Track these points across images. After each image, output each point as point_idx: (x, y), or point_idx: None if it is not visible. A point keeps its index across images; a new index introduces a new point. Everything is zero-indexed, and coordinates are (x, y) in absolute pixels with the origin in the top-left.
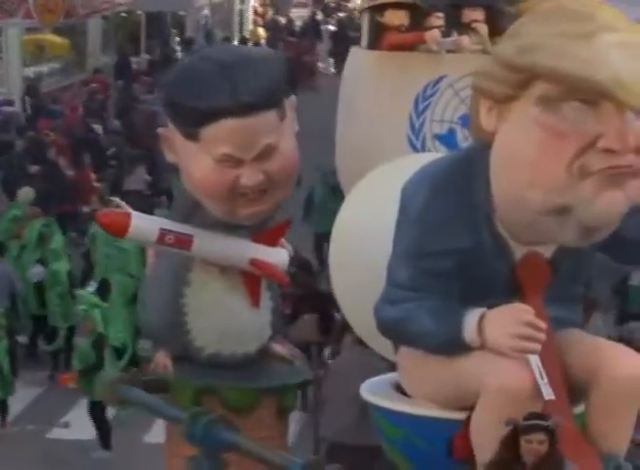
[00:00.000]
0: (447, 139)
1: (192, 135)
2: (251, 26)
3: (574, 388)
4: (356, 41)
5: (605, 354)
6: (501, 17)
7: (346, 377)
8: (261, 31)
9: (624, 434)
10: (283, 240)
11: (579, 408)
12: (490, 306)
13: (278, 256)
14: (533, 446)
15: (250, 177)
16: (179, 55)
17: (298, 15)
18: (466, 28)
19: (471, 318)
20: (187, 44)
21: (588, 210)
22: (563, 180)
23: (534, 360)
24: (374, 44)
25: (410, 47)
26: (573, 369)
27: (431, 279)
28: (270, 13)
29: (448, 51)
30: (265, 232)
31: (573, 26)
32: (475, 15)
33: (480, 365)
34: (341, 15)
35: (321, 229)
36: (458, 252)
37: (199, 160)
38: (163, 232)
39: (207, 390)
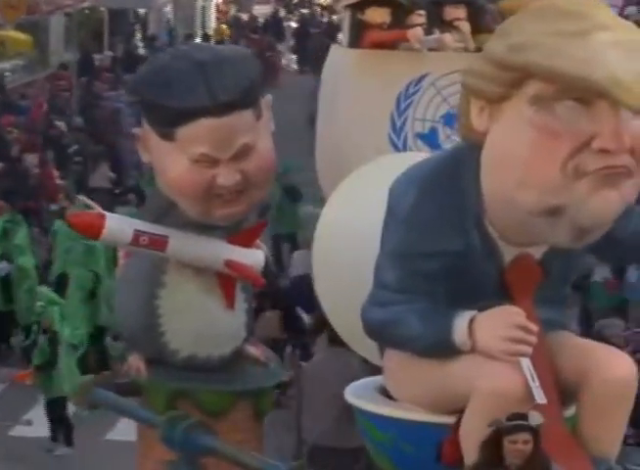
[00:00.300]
0: (429, 138)
1: (167, 135)
2: (214, 24)
3: (565, 391)
4: (318, 38)
5: (596, 357)
6: (483, 14)
7: (324, 379)
8: (225, 29)
9: (616, 436)
10: (258, 241)
11: (569, 411)
12: (480, 309)
13: (253, 257)
14: (518, 446)
15: (226, 177)
16: (142, 52)
17: (261, 12)
18: (447, 26)
19: (461, 321)
20: (150, 41)
21: (582, 210)
22: (557, 180)
23: (526, 363)
24: (355, 42)
25: (392, 45)
26: (564, 372)
27: (419, 281)
28: (233, 10)
29: (430, 49)
30: (241, 233)
31: (567, 25)
32: (457, 12)
33: (470, 368)
34: (303, 11)
35: (278, 230)
36: (447, 253)
37: (174, 159)
38: (138, 233)
39: (182, 393)
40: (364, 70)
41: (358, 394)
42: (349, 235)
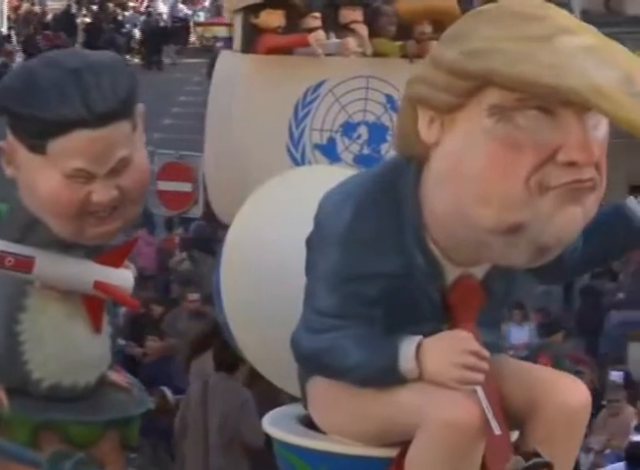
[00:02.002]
0: (327, 149)
1: (38, 148)
2: (5, 19)
3: (509, 417)
4: (110, 34)
5: (547, 382)
6: (379, 16)
7: (210, 407)
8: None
9: (567, 465)
10: (126, 261)
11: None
12: (425, 334)
13: (123, 277)
14: None
15: (102, 194)
16: None
17: (54, 7)
18: (343, 29)
19: (407, 347)
20: None
21: (545, 228)
22: (519, 196)
23: (481, 392)
24: (249, 48)
25: (287, 50)
26: (510, 398)
27: (357, 305)
28: (25, 5)
29: (327, 54)
30: (109, 252)
31: (528, 29)
32: (354, 15)
33: (417, 398)
34: (94, 7)
35: None
36: (387, 275)
37: (45, 174)
38: (2, 254)
39: (47, 425)
40: (261, 76)
41: (280, 425)
42: (261, 256)
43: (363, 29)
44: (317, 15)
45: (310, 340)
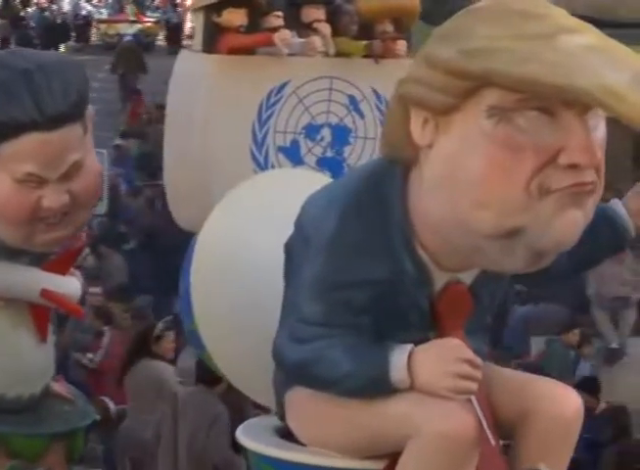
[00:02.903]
0: (291, 152)
1: None
2: None
3: (499, 427)
4: (4, 28)
5: (539, 391)
6: (342, 15)
7: (179, 420)
8: None
9: None
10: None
11: None
12: (413, 342)
13: (70, 285)
14: None
15: (53, 199)
16: None
17: None
18: (306, 28)
19: (398, 357)
20: None
21: (545, 232)
22: (520, 200)
23: (475, 402)
24: (210, 47)
25: (249, 50)
26: (500, 407)
27: (345, 313)
28: None
29: (289, 53)
30: (55, 259)
31: (528, 27)
32: (317, 14)
33: (410, 408)
34: None
35: None
36: (376, 281)
37: None
38: None
39: None
40: (223, 77)
41: (256, 437)
42: (233, 262)
43: (326, 28)
44: (280, 14)
45: (295, 349)
